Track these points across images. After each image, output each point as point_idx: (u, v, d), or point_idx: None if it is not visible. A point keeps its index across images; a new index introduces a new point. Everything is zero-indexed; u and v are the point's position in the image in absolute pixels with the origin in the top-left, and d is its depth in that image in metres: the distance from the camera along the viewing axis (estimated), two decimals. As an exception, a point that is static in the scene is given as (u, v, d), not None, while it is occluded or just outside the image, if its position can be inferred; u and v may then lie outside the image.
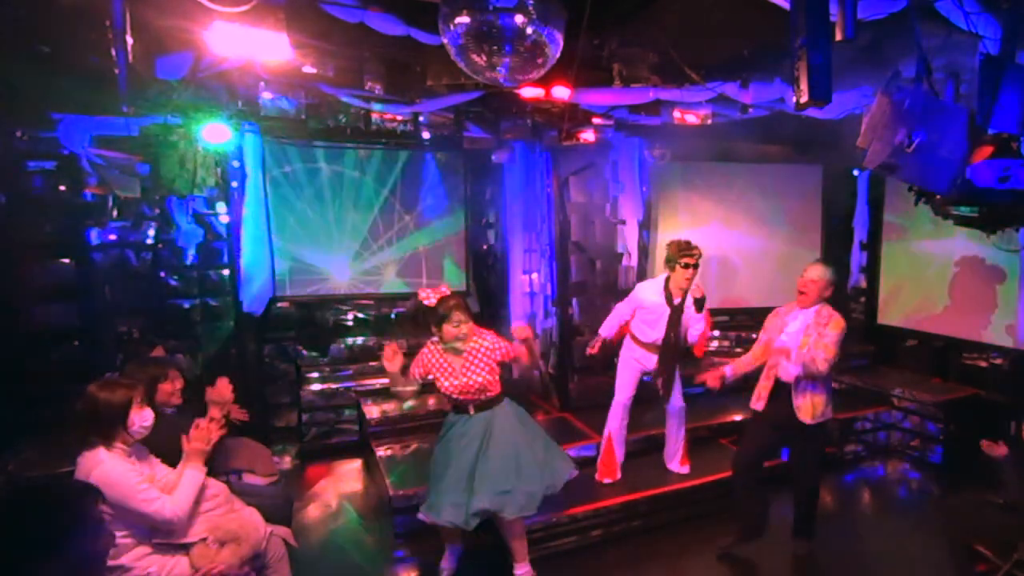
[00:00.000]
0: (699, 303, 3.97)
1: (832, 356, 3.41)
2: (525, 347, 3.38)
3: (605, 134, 5.57)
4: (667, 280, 4.08)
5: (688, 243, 4.00)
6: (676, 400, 4.29)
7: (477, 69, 2.70)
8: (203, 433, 2.76)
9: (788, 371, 3.51)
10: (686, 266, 3.94)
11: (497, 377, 3.37)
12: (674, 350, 4.11)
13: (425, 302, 3.27)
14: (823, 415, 3.55)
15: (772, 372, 3.62)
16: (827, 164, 6.54)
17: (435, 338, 3.34)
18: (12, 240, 4.31)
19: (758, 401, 3.68)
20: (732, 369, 3.75)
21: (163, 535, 2.61)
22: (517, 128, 5.39)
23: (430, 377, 3.34)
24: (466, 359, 3.28)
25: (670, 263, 4.02)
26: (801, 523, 3.83)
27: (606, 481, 4.33)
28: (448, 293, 3.32)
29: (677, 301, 4.04)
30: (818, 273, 3.53)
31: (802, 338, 3.52)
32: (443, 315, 3.22)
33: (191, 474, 2.68)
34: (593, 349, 4.35)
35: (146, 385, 2.93)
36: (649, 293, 4.13)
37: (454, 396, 3.31)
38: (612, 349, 4.46)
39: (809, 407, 3.51)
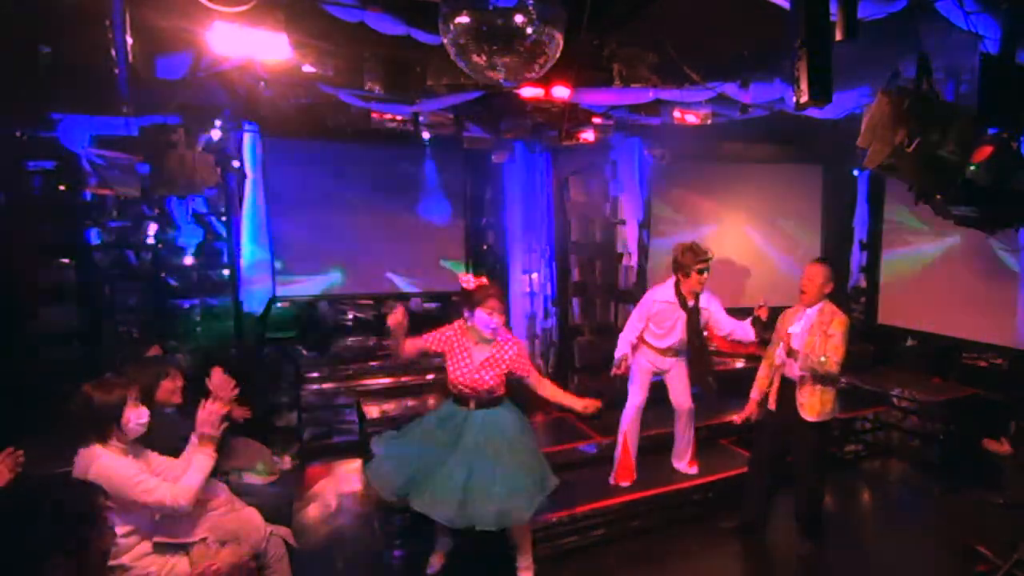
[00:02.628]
0: (758, 321, 3.98)
1: (841, 356, 3.46)
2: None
3: (605, 134, 5.57)
4: (676, 284, 4.07)
5: (698, 246, 4.03)
6: (686, 401, 4.29)
7: (477, 69, 2.69)
8: (208, 416, 2.69)
9: (794, 370, 3.59)
10: (700, 271, 3.97)
11: (504, 380, 3.35)
12: (701, 353, 4.11)
13: (464, 286, 3.38)
14: (829, 413, 3.59)
15: (779, 372, 3.70)
16: (827, 164, 6.54)
17: (464, 321, 3.38)
18: (12, 240, 4.31)
19: (771, 402, 3.76)
20: (757, 392, 3.87)
21: (166, 531, 2.59)
22: (517, 128, 5.38)
23: (441, 356, 3.37)
24: (489, 356, 3.29)
25: (684, 269, 4.01)
26: (806, 524, 3.84)
27: (623, 484, 4.28)
28: (487, 283, 3.39)
29: (691, 304, 4.05)
30: (815, 270, 3.62)
31: (807, 337, 3.57)
32: (478, 300, 3.26)
33: (201, 459, 2.62)
34: (619, 370, 4.15)
35: (146, 384, 2.93)
36: (660, 303, 4.11)
37: (460, 387, 3.30)
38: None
39: (817, 404, 3.55)
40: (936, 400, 5.21)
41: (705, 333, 4.27)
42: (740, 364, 6.14)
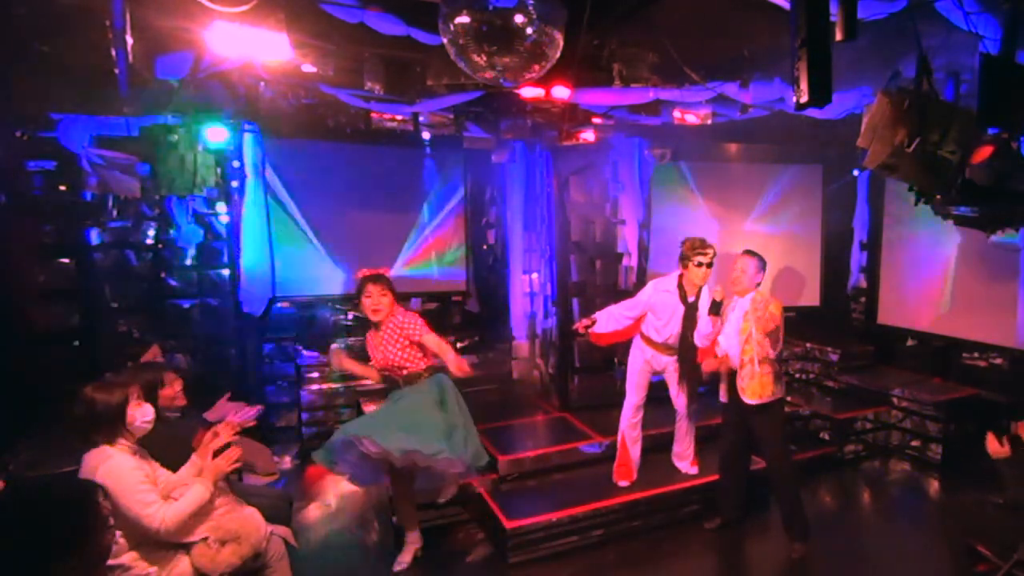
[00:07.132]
0: (715, 306, 3.90)
1: (780, 337, 3.62)
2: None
3: (605, 134, 5.57)
4: (680, 277, 4.06)
5: (702, 241, 4.00)
6: (689, 402, 4.28)
7: (477, 69, 2.69)
8: (230, 455, 2.72)
9: (733, 359, 3.75)
10: (699, 264, 3.95)
11: (417, 356, 3.56)
12: (692, 350, 4.06)
13: (356, 276, 3.61)
14: (772, 395, 3.67)
15: (727, 363, 3.81)
16: (827, 164, 6.54)
17: None
18: (12, 240, 4.31)
19: (724, 394, 3.88)
20: (705, 367, 3.98)
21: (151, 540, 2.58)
22: (517, 128, 5.38)
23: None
24: (384, 334, 3.55)
25: (683, 260, 4.02)
26: (790, 524, 3.83)
27: (623, 483, 4.28)
28: (380, 273, 3.58)
29: (691, 299, 4.03)
30: (746, 261, 3.78)
31: (742, 323, 3.70)
32: (359, 289, 3.54)
33: (198, 491, 2.61)
34: (579, 326, 4.31)
35: (146, 382, 2.93)
36: (661, 292, 4.10)
37: (381, 370, 3.62)
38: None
39: (757, 387, 3.66)
40: (936, 400, 5.20)
41: None
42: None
